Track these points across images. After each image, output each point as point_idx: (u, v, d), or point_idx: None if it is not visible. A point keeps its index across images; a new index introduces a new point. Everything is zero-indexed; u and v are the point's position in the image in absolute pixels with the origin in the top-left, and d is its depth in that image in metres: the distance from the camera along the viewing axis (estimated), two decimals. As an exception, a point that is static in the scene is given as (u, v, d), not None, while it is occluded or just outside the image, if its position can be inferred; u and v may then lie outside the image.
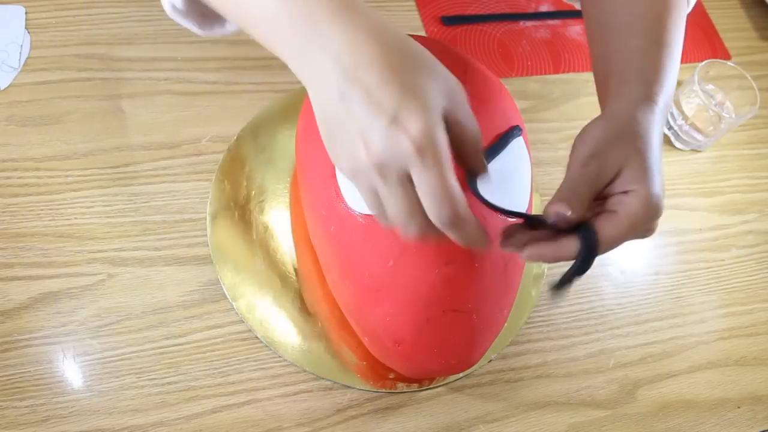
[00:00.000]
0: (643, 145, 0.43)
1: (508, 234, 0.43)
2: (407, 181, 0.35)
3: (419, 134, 0.33)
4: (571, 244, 0.40)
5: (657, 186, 0.41)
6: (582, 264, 0.40)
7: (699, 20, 0.88)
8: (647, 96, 0.45)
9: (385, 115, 0.33)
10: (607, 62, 0.49)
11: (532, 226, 0.43)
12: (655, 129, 0.44)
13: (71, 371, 0.53)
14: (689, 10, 0.55)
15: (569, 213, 0.40)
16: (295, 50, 0.36)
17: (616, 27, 0.50)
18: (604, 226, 0.40)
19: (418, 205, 0.36)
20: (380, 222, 0.38)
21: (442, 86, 0.36)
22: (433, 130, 0.34)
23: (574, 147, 0.44)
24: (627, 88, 0.46)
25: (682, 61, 0.84)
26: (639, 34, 0.48)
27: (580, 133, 0.45)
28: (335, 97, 0.35)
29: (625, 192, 0.42)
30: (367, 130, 0.34)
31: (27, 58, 0.65)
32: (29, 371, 0.53)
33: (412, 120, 0.33)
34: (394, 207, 0.36)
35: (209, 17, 0.45)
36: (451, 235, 0.37)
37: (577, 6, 0.62)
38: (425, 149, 0.33)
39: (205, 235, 0.60)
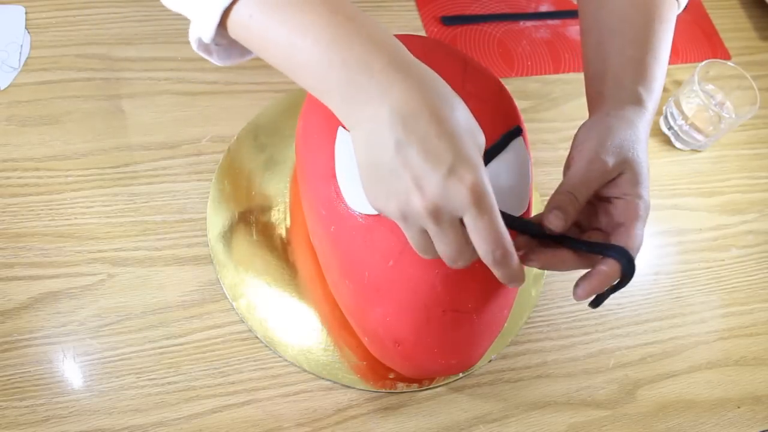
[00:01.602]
0: (639, 150, 0.45)
1: (522, 247, 0.45)
2: (459, 225, 0.38)
3: (475, 185, 0.36)
4: (613, 270, 0.43)
5: (647, 192, 0.45)
6: (622, 283, 0.44)
7: (699, 20, 0.88)
8: (640, 102, 0.48)
9: (444, 165, 0.36)
10: (602, 64, 0.51)
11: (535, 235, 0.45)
12: (645, 135, 0.47)
13: (71, 371, 0.53)
14: (679, 11, 0.57)
15: (565, 222, 0.43)
16: (346, 96, 0.38)
17: (611, 32, 0.52)
18: (627, 242, 0.43)
19: (468, 244, 0.39)
20: (423, 256, 0.41)
21: (477, 134, 0.39)
22: (485, 181, 0.37)
23: (577, 141, 0.47)
24: (622, 93, 0.49)
25: (682, 61, 0.85)
26: (633, 44, 0.51)
27: (583, 127, 0.47)
28: (391, 145, 0.36)
29: (618, 198, 0.44)
30: (425, 178, 0.36)
31: (27, 58, 0.65)
32: (29, 371, 0.53)
33: (468, 172, 0.36)
34: (447, 247, 0.39)
35: (232, 50, 0.46)
36: (497, 272, 0.40)
37: (575, 0, 0.62)
38: (481, 198, 0.36)
39: (205, 235, 0.60)
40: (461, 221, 0.38)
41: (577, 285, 0.44)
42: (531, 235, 0.45)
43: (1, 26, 0.66)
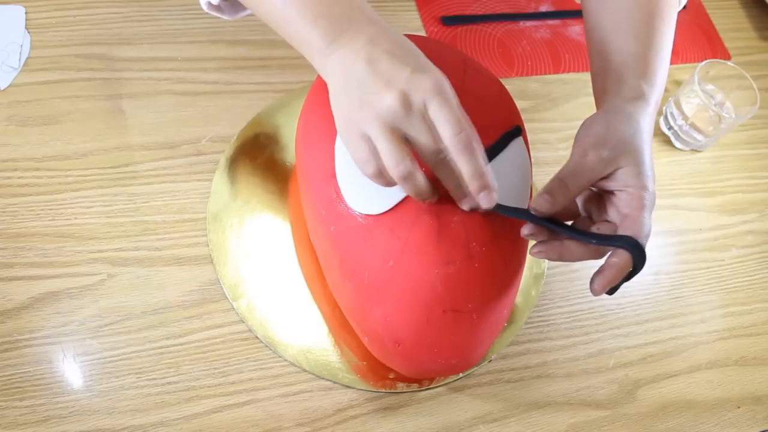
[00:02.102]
0: (640, 143, 0.46)
1: (533, 235, 0.46)
2: (429, 117, 0.41)
3: (437, 79, 0.41)
4: (624, 260, 0.44)
5: (652, 182, 0.46)
6: (636, 271, 0.45)
7: (699, 20, 0.88)
8: (641, 96, 0.49)
9: (409, 66, 0.41)
10: (605, 60, 0.53)
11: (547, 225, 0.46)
12: (648, 126, 0.48)
13: (71, 371, 0.53)
14: (680, 8, 0.58)
15: (551, 206, 0.44)
16: (328, 40, 0.43)
17: (613, 29, 0.53)
18: (635, 231, 0.44)
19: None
20: (395, 170, 0.41)
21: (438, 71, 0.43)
22: (446, 81, 0.41)
23: (578, 137, 0.48)
24: (624, 88, 0.50)
25: (682, 61, 0.85)
26: (634, 40, 0.52)
27: (584, 124, 0.49)
28: (363, 64, 0.41)
29: (621, 190, 0.45)
30: (393, 76, 0.40)
31: (27, 58, 0.65)
32: (29, 371, 0.53)
33: (430, 71, 0.41)
34: (425, 136, 0.41)
35: (238, 4, 0.50)
36: (465, 164, 0.41)
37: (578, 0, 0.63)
38: (443, 89, 0.41)
39: (205, 235, 0.60)
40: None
41: (593, 280, 0.45)
42: (537, 224, 0.46)
43: (1, 26, 0.66)
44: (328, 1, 0.43)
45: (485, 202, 0.42)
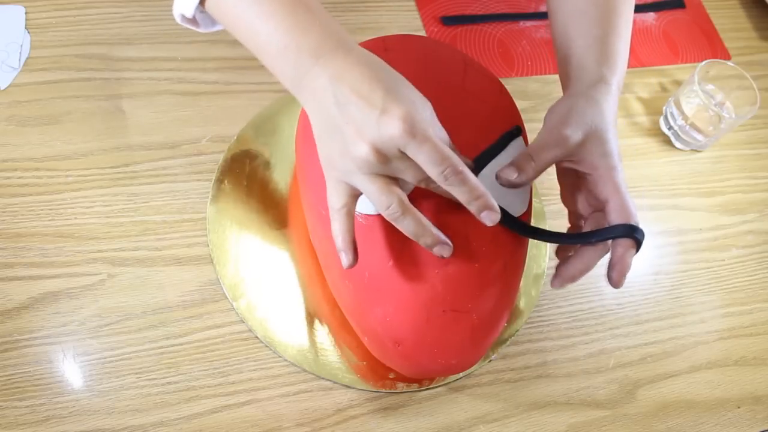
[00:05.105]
0: (603, 123, 0.48)
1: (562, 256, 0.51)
2: (407, 158, 0.40)
3: (405, 117, 0.39)
4: (629, 248, 0.47)
5: (619, 161, 0.48)
6: (638, 249, 0.47)
7: (699, 20, 0.88)
8: (602, 80, 0.51)
9: (377, 108, 0.39)
10: (568, 46, 0.54)
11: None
12: (610, 108, 0.50)
13: (71, 371, 0.53)
14: None
15: (516, 177, 0.46)
16: (298, 74, 0.42)
17: (576, 14, 0.54)
18: (625, 217, 0.47)
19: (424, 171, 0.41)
20: (391, 215, 0.42)
21: (419, 97, 0.42)
22: (416, 114, 0.40)
23: (545, 120, 0.50)
24: (585, 73, 0.52)
25: (682, 61, 0.85)
26: (597, 24, 0.53)
27: (550, 109, 0.51)
28: (332, 103, 0.40)
29: (591, 173, 0.48)
30: (363, 124, 0.39)
31: (27, 58, 0.65)
32: (29, 371, 0.53)
33: (398, 109, 0.39)
34: (410, 174, 0.41)
35: (213, 20, 0.49)
36: (459, 193, 0.41)
37: None
38: (415, 129, 0.39)
39: (205, 235, 0.60)
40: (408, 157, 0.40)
41: (609, 276, 0.47)
42: (541, 239, 0.48)
43: (1, 26, 0.66)
44: (301, 28, 0.42)
45: (489, 221, 0.42)
